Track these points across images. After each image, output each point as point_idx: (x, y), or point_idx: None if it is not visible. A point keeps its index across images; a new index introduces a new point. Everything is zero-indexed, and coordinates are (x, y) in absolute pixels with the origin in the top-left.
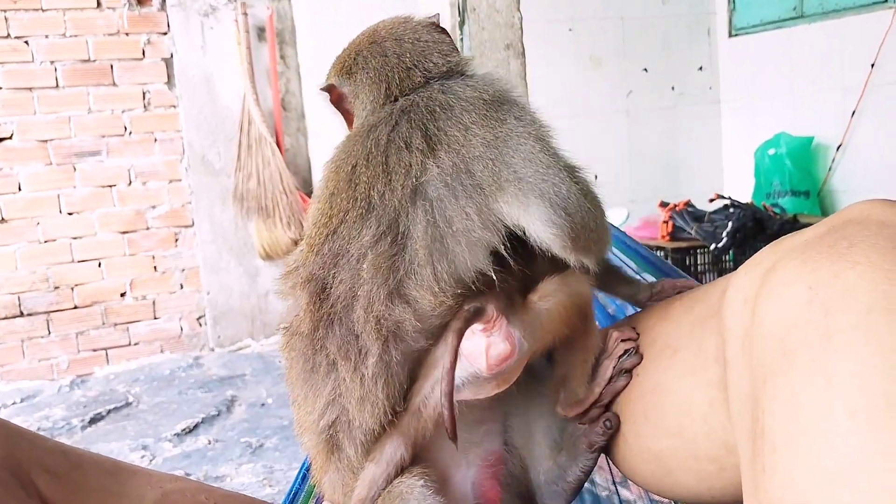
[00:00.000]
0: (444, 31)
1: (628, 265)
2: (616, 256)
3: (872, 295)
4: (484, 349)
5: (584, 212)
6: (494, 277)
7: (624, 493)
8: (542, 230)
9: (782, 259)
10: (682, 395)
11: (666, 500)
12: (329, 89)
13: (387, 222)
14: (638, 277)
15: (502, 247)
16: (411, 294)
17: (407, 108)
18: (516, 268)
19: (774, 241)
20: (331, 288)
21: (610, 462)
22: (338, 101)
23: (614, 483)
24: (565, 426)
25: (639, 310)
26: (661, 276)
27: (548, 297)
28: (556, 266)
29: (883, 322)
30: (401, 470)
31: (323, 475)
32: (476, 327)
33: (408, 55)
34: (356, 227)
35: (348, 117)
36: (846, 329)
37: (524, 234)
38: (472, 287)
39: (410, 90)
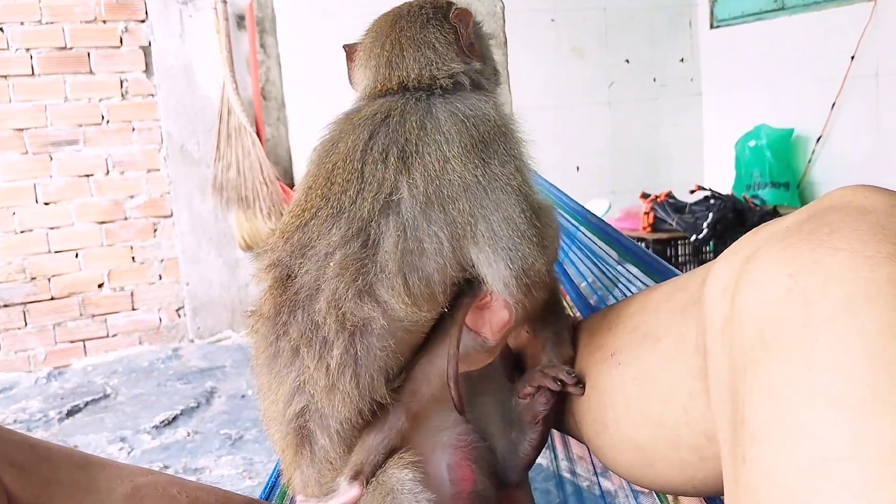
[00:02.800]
0: (455, 28)
1: (609, 255)
2: (598, 247)
3: (854, 282)
4: (487, 319)
5: (541, 276)
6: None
7: (605, 483)
8: (500, 288)
9: (762, 247)
10: (663, 385)
11: (647, 491)
12: (347, 49)
13: (357, 227)
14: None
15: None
16: (382, 296)
17: (391, 116)
18: None
19: (754, 229)
20: (296, 276)
21: (591, 452)
22: (349, 65)
23: (595, 473)
24: (514, 402)
25: (619, 300)
26: (642, 266)
27: None
28: None
29: (864, 310)
30: (400, 437)
31: (294, 470)
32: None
33: (391, 51)
34: (326, 225)
35: (351, 82)
36: (827, 317)
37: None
38: (441, 296)
39: (400, 88)
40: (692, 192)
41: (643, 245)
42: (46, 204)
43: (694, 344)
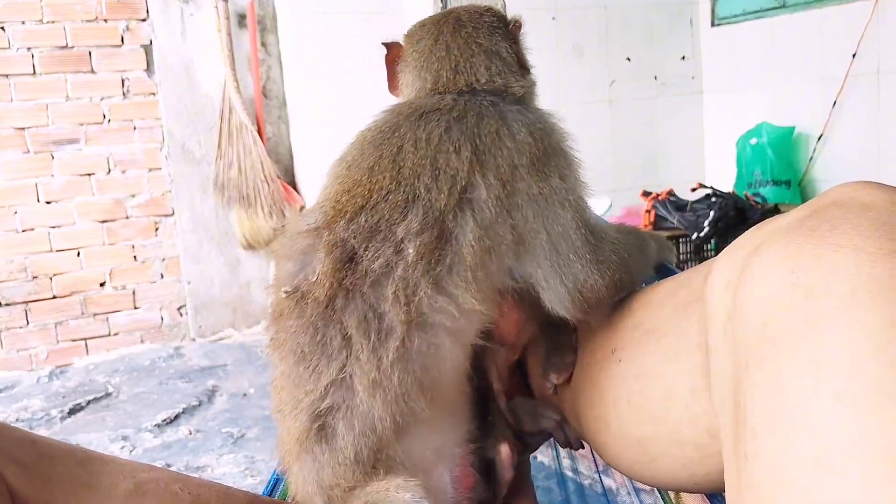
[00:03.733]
0: (514, 37)
1: None
2: None
3: (856, 278)
4: (504, 323)
5: (598, 291)
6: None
7: (606, 481)
8: (558, 306)
9: (764, 242)
10: (666, 381)
11: (649, 488)
12: (389, 47)
13: (433, 217)
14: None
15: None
16: (451, 290)
17: (467, 115)
18: None
19: (756, 226)
20: (362, 260)
21: (593, 450)
22: (392, 61)
23: (597, 471)
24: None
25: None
26: None
27: None
28: None
29: (867, 305)
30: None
31: (296, 462)
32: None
33: (460, 55)
34: (399, 209)
35: (393, 80)
36: (830, 313)
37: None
38: (499, 299)
39: (455, 91)
40: (693, 189)
41: None
42: (48, 203)
43: (696, 341)
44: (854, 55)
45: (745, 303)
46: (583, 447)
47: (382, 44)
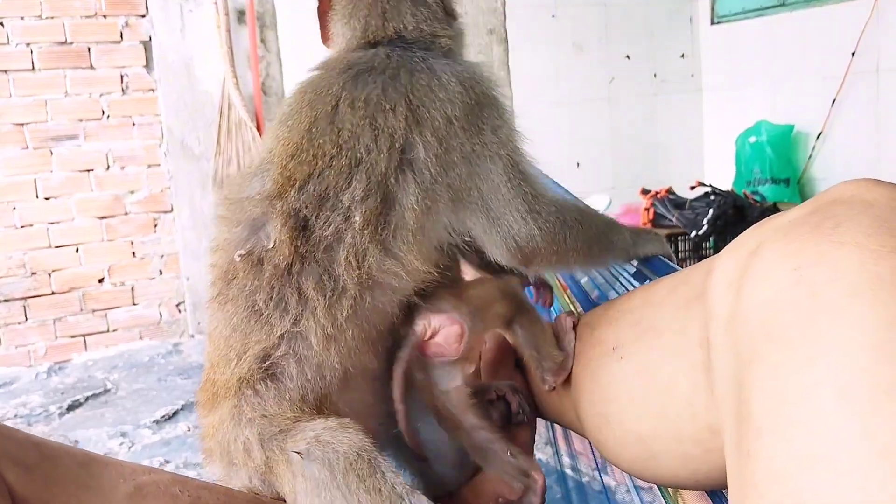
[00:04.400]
0: None
1: None
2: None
3: (859, 276)
4: (442, 338)
5: (533, 240)
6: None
7: (606, 479)
8: (497, 255)
9: (767, 240)
10: (667, 378)
11: (648, 486)
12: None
13: (376, 182)
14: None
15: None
16: (397, 252)
17: (392, 73)
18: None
19: (758, 223)
20: (314, 228)
21: (592, 447)
22: (322, 13)
23: (597, 469)
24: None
25: (620, 294)
26: (644, 262)
27: (477, 285)
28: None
29: (870, 302)
30: None
31: (230, 399)
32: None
33: (387, 1)
34: (343, 175)
35: (325, 32)
36: (833, 311)
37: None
38: (439, 267)
39: (386, 42)
40: (692, 188)
41: None
42: (47, 199)
43: (698, 338)
44: (853, 53)
45: (748, 300)
46: (533, 420)
47: None
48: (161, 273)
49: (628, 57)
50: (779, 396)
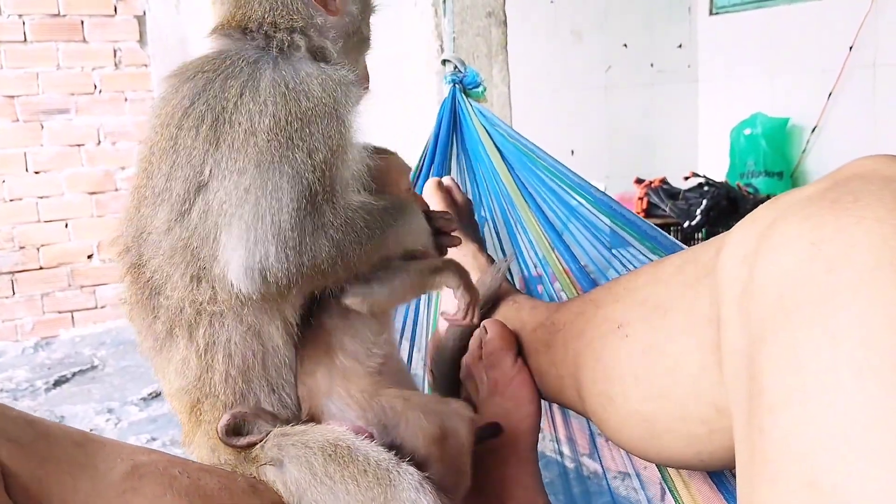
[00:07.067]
0: None
1: (613, 229)
2: (600, 220)
3: (879, 250)
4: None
5: (279, 280)
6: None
7: (593, 464)
8: (231, 275)
9: (783, 215)
10: (673, 357)
11: (628, 473)
12: None
13: (178, 210)
14: None
15: None
16: (214, 279)
17: (215, 79)
18: None
19: (773, 198)
20: (145, 263)
21: (590, 425)
22: None
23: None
24: None
25: (620, 273)
26: (645, 239)
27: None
28: None
29: (890, 278)
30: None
31: (193, 435)
32: None
33: None
34: (152, 207)
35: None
36: (851, 286)
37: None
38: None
39: (240, 30)
40: (686, 178)
41: None
42: (37, 173)
43: (706, 316)
44: (851, 47)
45: (763, 275)
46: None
47: None
48: None
49: (626, 46)
50: (794, 372)
